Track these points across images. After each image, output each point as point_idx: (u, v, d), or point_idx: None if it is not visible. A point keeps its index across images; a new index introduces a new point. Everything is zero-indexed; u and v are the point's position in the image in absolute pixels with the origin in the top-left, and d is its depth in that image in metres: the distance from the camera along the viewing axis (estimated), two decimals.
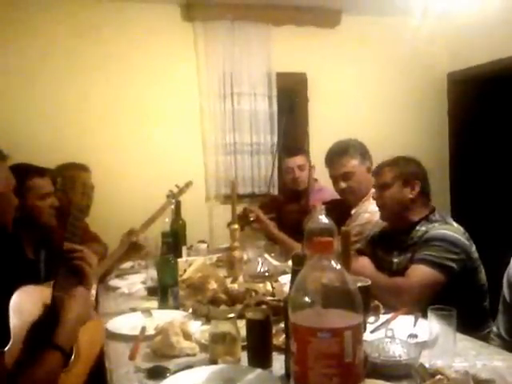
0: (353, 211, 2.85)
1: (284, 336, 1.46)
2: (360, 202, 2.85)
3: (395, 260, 2.28)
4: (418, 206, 2.29)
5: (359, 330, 1.00)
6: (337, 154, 2.90)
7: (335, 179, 2.91)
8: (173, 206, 3.04)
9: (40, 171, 2.23)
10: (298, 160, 3.53)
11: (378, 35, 4.34)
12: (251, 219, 3.08)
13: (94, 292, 2.06)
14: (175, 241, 2.65)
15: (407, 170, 2.33)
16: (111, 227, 2.93)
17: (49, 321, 1.45)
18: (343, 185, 2.86)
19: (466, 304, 1.94)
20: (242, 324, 1.54)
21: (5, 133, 3.08)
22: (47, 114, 3.69)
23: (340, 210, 2.81)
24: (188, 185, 3.02)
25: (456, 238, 2.12)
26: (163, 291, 2.10)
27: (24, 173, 2.05)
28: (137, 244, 2.61)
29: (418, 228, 2.23)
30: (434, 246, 2.09)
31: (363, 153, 2.91)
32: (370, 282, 1.74)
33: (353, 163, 2.86)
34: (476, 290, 2.20)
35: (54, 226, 2.22)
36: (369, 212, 2.73)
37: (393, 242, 2.34)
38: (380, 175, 2.36)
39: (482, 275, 2.22)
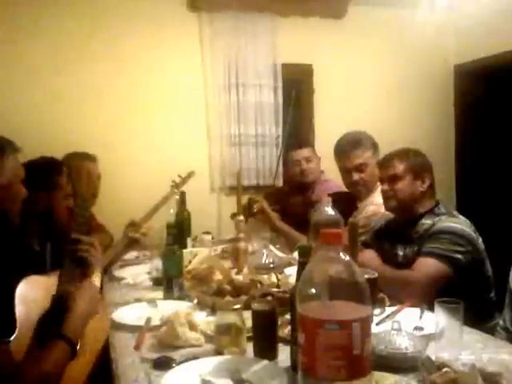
0: (359, 204, 2.84)
1: (289, 327, 1.46)
2: (366, 194, 2.84)
3: (400, 253, 2.27)
4: (425, 198, 2.28)
5: (367, 322, 0.99)
6: (351, 146, 2.86)
7: (347, 171, 2.86)
8: (178, 197, 3.04)
9: (60, 170, 2.23)
10: (305, 152, 3.52)
11: (384, 26, 4.30)
12: (255, 210, 3.08)
13: (98, 283, 2.06)
14: (180, 232, 2.66)
15: (418, 163, 2.31)
16: (116, 217, 2.93)
17: (56, 311, 1.45)
18: (356, 177, 2.82)
19: (472, 296, 1.95)
20: (247, 315, 1.53)
21: (12, 123, 3.07)
22: (53, 105, 3.68)
23: (345, 202, 2.79)
24: (190, 174, 3.02)
25: (463, 231, 2.12)
26: (168, 282, 2.11)
27: (52, 168, 2.04)
28: (135, 239, 2.61)
29: (423, 221, 2.23)
30: (441, 238, 2.09)
31: (374, 145, 2.89)
32: (376, 275, 1.73)
33: (367, 155, 2.83)
34: (482, 281, 2.20)
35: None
36: (375, 204, 2.73)
37: (397, 235, 2.33)
38: (389, 167, 2.32)
39: (488, 267, 2.22)
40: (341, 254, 1.00)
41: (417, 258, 2.12)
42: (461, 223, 2.16)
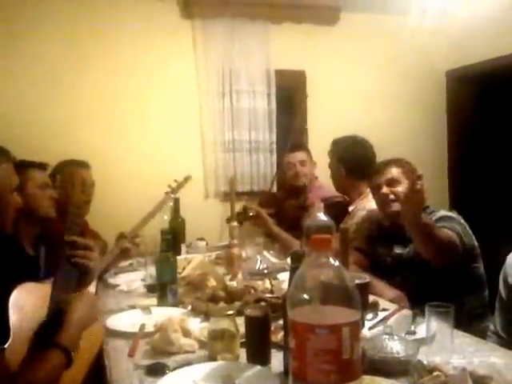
0: (350, 208, 2.86)
1: (282, 333, 1.46)
2: (357, 200, 2.86)
3: (400, 252, 2.32)
4: None
5: (357, 326, 1.00)
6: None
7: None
8: (172, 204, 3.05)
9: (38, 164, 2.24)
10: (300, 156, 3.54)
11: (376, 33, 4.33)
12: (250, 214, 3.09)
13: (93, 290, 2.06)
14: (174, 238, 2.66)
15: (410, 169, 2.40)
16: (110, 224, 2.94)
17: (51, 320, 1.46)
18: None
19: (466, 292, 2.00)
20: (240, 321, 1.54)
21: (4, 131, 3.08)
22: (46, 113, 3.68)
23: (337, 208, 2.82)
24: (187, 179, 3.03)
25: (464, 223, 2.25)
26: (162, 288, 2.11)
27: (22, 165, 2.05)
28: (126, 249, 2.61)
29: None
30: (450, 221, 2.20)
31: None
32: (367, 280, 1.75)
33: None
34: (475, 277, 2.25)
35: (53, 219, 2.22)
36: (366, 209, 2.74)
37: (393, 237, 2.37)
38: (386, 173, 2.39)
39: (481, 266, 2.28)
40: (331, 260, 1.02)
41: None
42: (460, 217, 2.28)
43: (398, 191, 2.32)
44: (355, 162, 2.92)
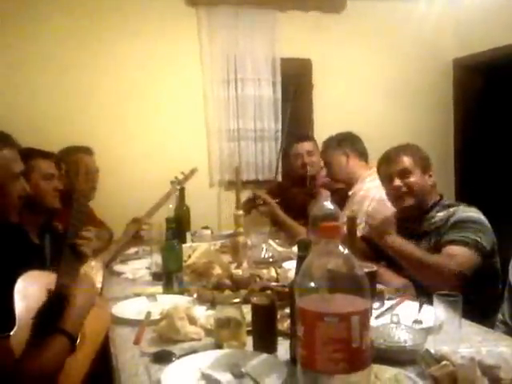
0: (350, 193, 2.93)
1: (289, 321, 1.46)
2: (355, 185, 2.94)
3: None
4: (433, 192, 2.28)
5: (366, 315, 0.99)
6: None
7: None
8: (177, 192, 3.05)
9: (44, 154, 2.22)
10: (307, 146, 3.55)
11: (383, 20, 4.29)
12: (261, 202, 3.12)
13: (101, 279, 2.06)
14: (179, 227, 2.66)
15: (422, 156, 2.30)
16: (116, 212, 2.94)
17: (55, 306, 1.45)
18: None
19: (482, 288, 1.98)
20: (246, 309, 1.54)
21: (10, 117, 3.06)
22: (52, 99, 3.67)
23: (339, 194, 2.86)
24: (193, 171, 3.02)
25: (484, 220, 2.14)
26: (168, 276, 2.10)
27: (28, 154, 2.03)
28: (138, 235, 2.60)
29: (434, 213, 2.22)
30: (467, 227, 2.09)
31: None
32: (375, 268, 1.74)
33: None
34: (493, 273, 2.20)
35: (58, 209, 2.20)
36: (364, 189, 2.84)
37: (404, 231, 2.28)
38: (398, 162, 2.26)
39: (498, 259, 2.22)
40: (339, 248, 1.01)
41: (438, 248, 2.10)
42: (478, 213, 2.17)
43: (411, 182, 2.22)
44: (354, 141, 3.08)
